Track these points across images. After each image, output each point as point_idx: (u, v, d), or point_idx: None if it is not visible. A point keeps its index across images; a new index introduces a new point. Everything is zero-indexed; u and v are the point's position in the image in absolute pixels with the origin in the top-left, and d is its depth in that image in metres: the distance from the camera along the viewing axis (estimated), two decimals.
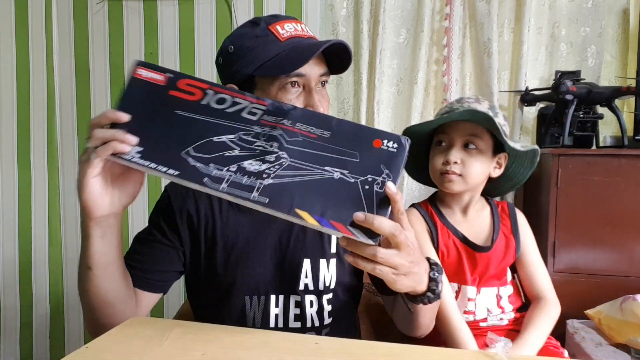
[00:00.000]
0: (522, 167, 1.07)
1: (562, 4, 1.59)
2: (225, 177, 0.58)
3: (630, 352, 1.03)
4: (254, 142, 0.60)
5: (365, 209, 0.56)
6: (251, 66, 0.74)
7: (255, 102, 0.61)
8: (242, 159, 0.59)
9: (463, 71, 1.66)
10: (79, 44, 1.84)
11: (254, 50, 0.74)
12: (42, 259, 1.85)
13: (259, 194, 0.57)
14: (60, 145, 1.88)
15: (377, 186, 0.57)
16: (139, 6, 1.79)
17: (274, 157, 0.59)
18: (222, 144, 0.60)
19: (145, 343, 0.61)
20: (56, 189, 1.89)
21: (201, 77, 0.65)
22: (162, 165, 0.59)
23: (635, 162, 1.24)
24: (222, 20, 1.75)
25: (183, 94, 0.62)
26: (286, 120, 0.60)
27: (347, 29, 1.71)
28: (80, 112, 1.87)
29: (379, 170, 0.57)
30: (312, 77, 0.74)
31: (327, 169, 0.58)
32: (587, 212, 1.26)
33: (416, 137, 1.08)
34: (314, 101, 0.74)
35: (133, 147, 0.59)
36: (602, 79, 1.56)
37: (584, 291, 1.24)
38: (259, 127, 0.60)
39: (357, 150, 0.58)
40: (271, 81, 0.73)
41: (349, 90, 1.73)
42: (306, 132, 0.60)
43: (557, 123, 1.43)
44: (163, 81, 0.62)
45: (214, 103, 0.61)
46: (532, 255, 1.07)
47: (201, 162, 0.59)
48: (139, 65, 0.63)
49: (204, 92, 0.61)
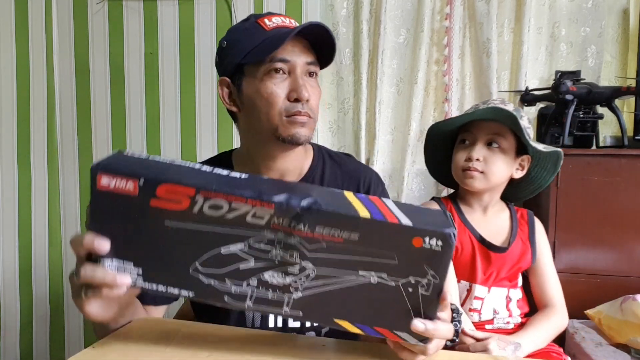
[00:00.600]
0: (545, 171, 1.07)
1: (562, 4, 1.59)
2: (248, 294, 0.52)
3: (630, 352, 1.03)
4: (269, 250, 0.51)
5: (412, 314, 0.51)
6: (239, 55, 0.77)
7: (259, 205, 0.49)
8: (261, 270, 0.52)
9: (463, 71, 1.66)
10: (79, 44, 1.84)
11: (241, 41, 0.77)
12: (42, 259, 1.85)
13: (291, 309, 0.53)
14: (60, 146, 1.88)
15: (423, 289, 0.50)
16: (139, 6, 1.79)
17: (297, 269, 0.51)
18: (232, 256, 0.51)
19: (151, 344, 0.61)
20: (56, 189, 1.89)
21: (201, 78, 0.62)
22: (172, 287, 0.53)
23: (635, 162, 1.24)
24: (222, 20, 1.75)
25: (167, 203, 0.50)
26: (302, 225, 0.49)
27: (347, 29, 1.71)
28: (80, 112, 1.87)
29: (422, 271, 0.50)
30: (298, 64, 0.76)
31: (361, 274, 0.51)
32: (587, 212, 1.26)
33: (441, 135, 1.10)
34: (297, 85, 0.75)
35: (132, 269, 0.52)
36: (602, 79, 1.56)
37: (584, 291, 1.24)
38: (271, 233, 0.50)
39: (393, 251, 0.49)
40: (257, 67, 0.76)
41: (349, 90, 1.73)
42: (329, 237, 0.49)
43: (557, 123, 1.43)
44: (134, 191, 0.49)
45: (208, 210, 0.50)
46: (547, 265, 1.07)
47: (215, 279, 0.52)
48: (99, 171, 0.49)
49: (191, 199, 0.49)
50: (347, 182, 0.88)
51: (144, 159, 0.53)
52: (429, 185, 1.70)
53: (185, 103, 1.79)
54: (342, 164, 0.90)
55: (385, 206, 0.51)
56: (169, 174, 0.50)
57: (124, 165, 0.50)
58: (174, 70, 1.79)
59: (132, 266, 0.53)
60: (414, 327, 0.51)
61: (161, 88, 1.81)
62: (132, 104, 1.83)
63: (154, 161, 0.53)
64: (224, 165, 0.88)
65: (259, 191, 0.49)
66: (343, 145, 1.76)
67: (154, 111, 1.82)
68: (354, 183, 0.88)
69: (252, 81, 0.77)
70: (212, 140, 1.79)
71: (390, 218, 0.49)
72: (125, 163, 0.51)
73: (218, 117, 1.78)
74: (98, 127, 1.85)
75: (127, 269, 0.53)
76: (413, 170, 1.69)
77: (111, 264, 0.53)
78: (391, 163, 1.73)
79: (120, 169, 0.50)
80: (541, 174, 1.09)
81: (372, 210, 0.49)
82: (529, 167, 1.06)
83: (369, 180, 0.89)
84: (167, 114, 1.81)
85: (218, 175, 0.53)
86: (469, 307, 1.04)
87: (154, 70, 1.80)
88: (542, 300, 1.06)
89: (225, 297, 0.53)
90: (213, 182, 0.50)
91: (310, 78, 0.79)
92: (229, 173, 0.54)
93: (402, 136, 1.69)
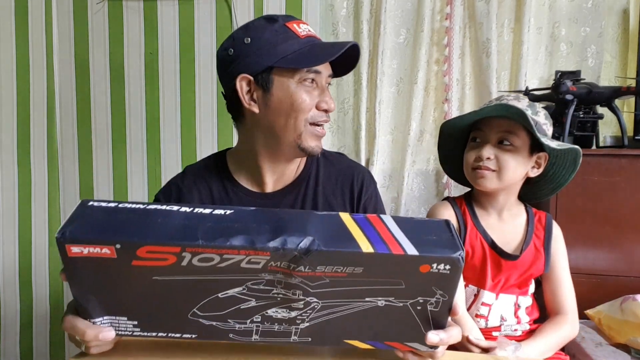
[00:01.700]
0: (564, 169, 1.02)
1: (562, 4, 1.59)
2: (253, 330, 0.51)
3: (630, 352, 1.03)
4: (270, 290, 0.48)
5: (422, 328, 0.51)
6: (272, 58, 0.76)
7: (253, 253, 0.45)
8: (264, 308, 0.49)
9: (463, 71, 1.66)
10: (79, 44, 1.84)
11: (275, 43, 0.77)
12: (42, 259, 1.85)
13: (299, 337, 0.52)
14: (60, 145, 1.88)
15: (432, 306, 0.50)
16: (139, 6, 1.79)
17: (302, 304, 0.49)
18: (232, 298, 0.48)
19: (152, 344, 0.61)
20: (56, 189, 1.89)
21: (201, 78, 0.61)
22: (173, 332, 0.51)
23: (635, 162, 1.24)
24: (222, 20, 1.75)
25: (151, 262, 0.46)
26: (302, 267, 0.46)
27: (347, 29, 1.71)
28: (80, 112, 1.86)
29: (430, 291, 0.48)
30: (324, 77, 0.80)
31: (368, 300, 0.49)
32: (587, 212, 1.26)
33: (454, 133, 1.07)
34: (327, 96, 0.80)
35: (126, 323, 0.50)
36: (602, 79, 1.56)
37: (584, 291, 1.24)
38: (269, 275, 0.47)
39: (400, 278, 0.47)
40: (291, 74, 0.77)
41: (349, 90, 1.73)
42: (332, 273, 0.47)
43: (557, 123, 1.43)
44: (112, 255, 0.45)
45: (197, 262, 0.46)
46: (562, 272, 1.04)
47: (217, 321, 0.50)
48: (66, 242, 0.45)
49: (177, 256, 0.45)
50: (340, 180, 0.89)
51: (112, 210, 0.48)
52: (429, 185, 1.70)
53: (185, 103, 1.79)
54: (335, 163, 0.91)
55: (387, 229, 0.48)
56: (147, 232, 0.45)
57: (93, 229, 0.45)
58: (174, 70, 1.79)
59: (126, 320, 0.50)
60: (429, 341, 0.51)
61: (161, 88, 1.81)
62: (132, 104, 1.83)
63: (125, 213, 0.48)
64: (219, 166, 0.88)
65: (251, 239, 0.45)
66: (343, 145, 1.76)
67: (154, 111, 1.82)
68: (348, 181, 0.89)
69: (285, 85, 0.77)
70: (212, 140, 1.79)
71: (395, 248, 0.46)
72: (94, 224, 0.46)
73: (218, 117, 1.78)
74: (98, 127, 1.85)
75: (120, 323, 0.51)
76: (413, 170, 1.69)
77: (102, 320, 0.50)
78: (391, 163, 1.73)
79: (90, 236, 0.45)
80: (560, 172, 1.03)
81: (374, 240, 0.46)
82: (546, 165, 1.01)
83: (362, 178, 0.90)
84: (167, 114, 1.81)
85: (200, 217, 0.48)
86: (475, 313, 1.02)
87: (154, 70, 1.80)
88: (554, 308, 1.03)
89: (230, 335, 0.52)
90: (197, 232, 0.45)
91: (327, 89, 0.82)
92: (212, 211, 0.49)
93: (402, 136, 1.69)
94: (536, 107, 0.99)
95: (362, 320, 0.51)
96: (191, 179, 0.88)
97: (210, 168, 0.89)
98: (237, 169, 0.87)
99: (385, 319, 0.51)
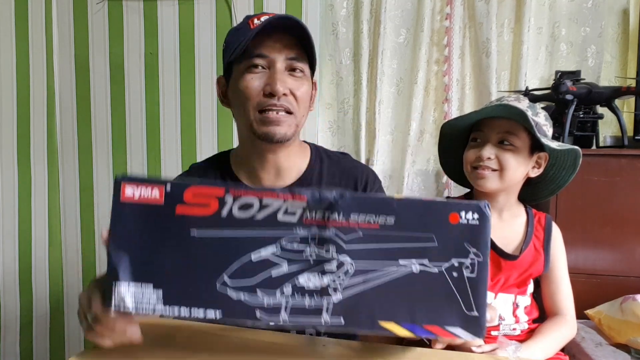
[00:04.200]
0: (564, 170, 1.03)
1: (562, 4, 1.59)
2: (282, 304, 0.49)
3: (630, 352, 1.03)
4: (303, 250, 0.49)
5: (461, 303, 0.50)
6: (228, 54, 0.80)
7: (290, 198, 0.48)
8: (295, 274, 0.49)
9: (463, 71, 1.66)
10: (79, 44, 1.84)
11: (231, 40, 0.80)
12: (42, 259, 1.85)
13: (331, 315, 0.49)
14: (60, 145, 1.88)
15: (468, 270, 0.49)
16: (139, 6, 1.79)
17: (334, 265, 0.49)
18: (264, 262, 0.49)
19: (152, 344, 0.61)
20: (56, 189, 1.89)
21: (201, 78, 0.62)
22: (197, 307, 0.49)
23: (635, 162, 1.24)
24: (222, 20, 1.75)
25: (194, 209, 0.49)
26: (337, 214, 0.48)
27: (347, 29, 1.71)
28: (80, 112, 1.86)
29: (464, 250, 0.49)
30: (278, 59, 0.78)
31: (402, 263, 0.49)
32: (587, 212, 1.26)
33: (454, 134, 1.07)
34: (273, 79, 0.76)
35: (151, 294, 0.49)
36: (602, 79, 1.56)
37: (584, 291, 1.24)
38: (304, 230, 0.49)
39: (431, 232, 0.49)
40: (239, 64, 0.79)
41: (349, 90, 1.73)
42: (365, 224, 0.49)
43: (557, 123, 1.43)
44: (160, 200, 0.49)
45: (237, 211, 0.49)
46: (560, 274, 1.04)
47: (245, 292, 0.49)
48: (124, 181, 0.49)
49: (220, 201, 0.49)
50: (344, 180, 0.88)
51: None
52: (429, 185, 1.70)
53: (185, 103, 1.79)
54: (339, 163, 0.91)
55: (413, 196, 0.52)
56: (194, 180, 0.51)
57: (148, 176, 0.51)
58: (174, 70, 1.79)
59: (152, 289, 0.50)
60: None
61: (161, 88, 1.81)
62: (132, 104, 1.83)
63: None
64: (222, 165, 0.88)
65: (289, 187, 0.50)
66: (343, 145, 1.76)
67: (154, 111, 1.82)
68: (352, 181, 0.88)
69: (236, 76, 0.80)
70: (212, 140, 1.79)
71: (424, 198, 0.50)
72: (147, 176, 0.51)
73: (218, 117, 1.78)
74: (98, 127, 1.85)
75: (145, 294, 0.50)
76: (413, 170, 1.69)
77: (127, 288, 0.50)
78: (391, 163, 1.73)
79: (145, 177, 0.50)
80: (560, 173, 1.03)
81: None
82: (546, 165, 1.01)
83: (366, 178, 0.90)
84: (167, 114, 1.81)
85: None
86: None
87: (154, 70, 1.80)
88: (552, 309, 1.04)
89: (257, 313, 0.49)
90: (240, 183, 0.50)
91: (294, 73, 0.79)
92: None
93: (402, 136, 1.69)
94: (536, 108, 1.00)
95: (398, 294, 0.50)
96: (195, 176, 0.88)
97: (214, 167, 0.89)
98: (238, 167, 0.88)
99: (422, 292, 0.50)
